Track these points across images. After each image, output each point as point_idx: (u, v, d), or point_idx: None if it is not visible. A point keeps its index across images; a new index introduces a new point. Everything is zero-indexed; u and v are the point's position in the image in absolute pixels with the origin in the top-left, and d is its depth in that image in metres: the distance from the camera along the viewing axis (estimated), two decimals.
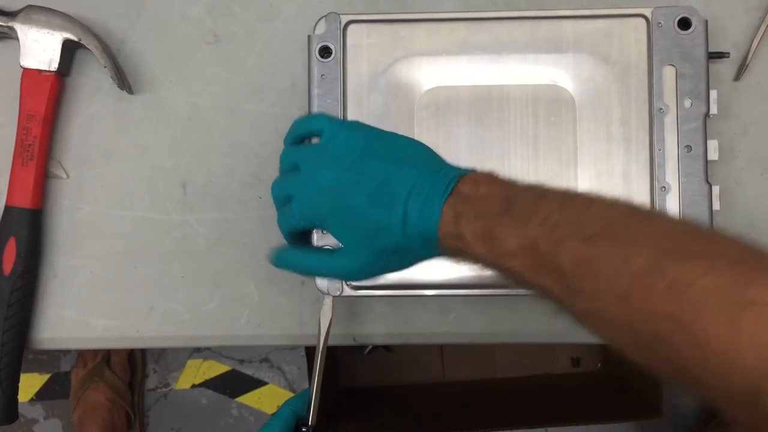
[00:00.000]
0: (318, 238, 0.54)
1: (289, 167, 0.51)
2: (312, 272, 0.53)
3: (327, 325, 0.53)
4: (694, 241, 0.37)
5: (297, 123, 0.53)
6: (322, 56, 0.55)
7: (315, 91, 0.55)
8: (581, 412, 1.22)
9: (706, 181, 0.53)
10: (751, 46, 0.58)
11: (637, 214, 0.40)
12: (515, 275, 0.42)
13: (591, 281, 0.38)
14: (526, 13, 0.55)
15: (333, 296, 0.54)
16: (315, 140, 0.53)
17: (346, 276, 0.52)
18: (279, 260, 0.52)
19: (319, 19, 0.55)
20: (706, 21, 0.54)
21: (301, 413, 0.52)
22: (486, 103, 0.55)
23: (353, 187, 0.46)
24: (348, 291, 0.54)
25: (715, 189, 0.54)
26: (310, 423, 0.51)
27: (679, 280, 0.35)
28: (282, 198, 0.51)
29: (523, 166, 0.55)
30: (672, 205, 0.53)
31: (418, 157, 0.48)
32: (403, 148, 0.48)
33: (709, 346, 0.34)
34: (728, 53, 0.56)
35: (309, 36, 0.55)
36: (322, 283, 0.54)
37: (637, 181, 0.54)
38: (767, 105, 0.58)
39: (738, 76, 0.58)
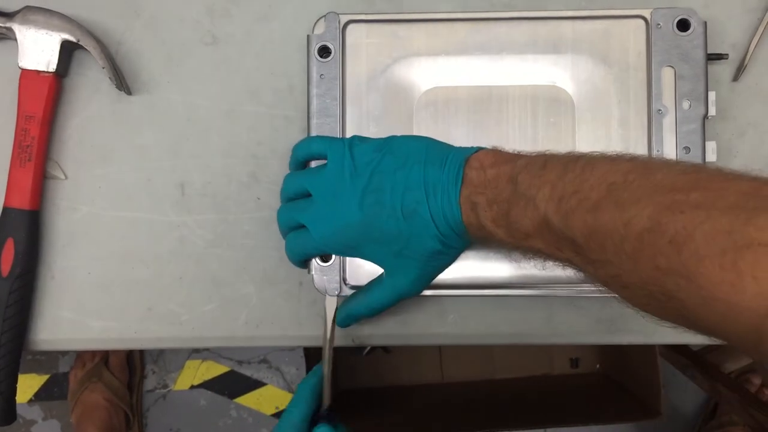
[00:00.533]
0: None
1: (296, 194, 0.51)
2: (381, 308, 0.52)
3: (334, 307, 0.53)
4: (694, 190, 0.36)
5: (297, 148, 0.53)
6: (321, 56, 0.55)
7: (314, 90, 0.55)
8: (580, 413, 1.22)
9: None
10: (749, 47, 0.58)
11: (638, 170, 0.40)
12: (539, 253, 0.43)
13: (601, 251, 0.38)
14: (525, 13, 0.55)
15: (332, 297, 0.54)
16: (314, 163, 0.53)
17: (409, 294, 0.51)
18: (348, 319, 0.53)
19: (318, 19, 0.55)
20: (705, 23, 0.54)
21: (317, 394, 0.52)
22: (485, 104, 0.55)
23: (379, 209, 0.47)
24: (346, 291, 0.54)
25: None
26: (325, 403, 0.51)
27: (679, 233, 0.35)
28: (292, 227, 0.51)
29: None
30: None
31: (421, 153, 0.48)
32: (406, 149, 0.49)
33: (714, 295, 0.34)
34: (727, 55, 0.56)
35: (308, 36, 0.56)
36: (320, 282, 0.54)
37: None
38: (765, 106, 0.58)
39: (736, 77, 0.58)
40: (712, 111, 0.54)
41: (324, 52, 0.55)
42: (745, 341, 0.34)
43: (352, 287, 0.54)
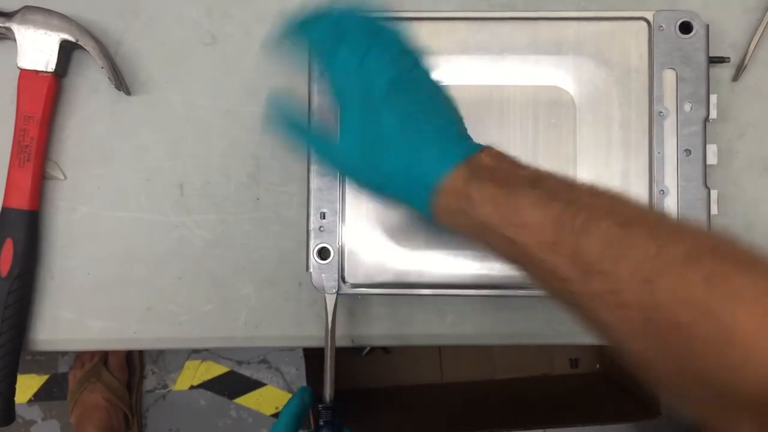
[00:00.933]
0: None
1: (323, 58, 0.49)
2: (304, 137, 0.50)
3: (333, 304, 0.53)
4: (734, 246, 0.36)
5: (320, 18, 0.49)
6: None
7: (314, 87, 0.55)
8: (580, 413, 1.22)
9: (704, 185, 0.53)
10: (749, 47, 0.58)
11: (670, 216, 0.40)
12: (514, 246, 0.41)
13: (615, 263, 0.37)
14: (527, 14, 0.55)
15: (330, 294, 0.54)
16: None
17: (339, 162, 0.49)
18: (274, 108, 0.49)
19: None
20: (708, 25, 0.54)
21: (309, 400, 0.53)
22: (486, 104, 0.55)
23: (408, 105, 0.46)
24: (345, 289, 0.54)
25: (714, 193, 0.54)
26: (327, 400, 0.52)
27: (717, 273, 0.34)
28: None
29: None
30: (670, 209, 0.53)
31: (453, 110, 0.48)
32: (439, 93, 0.49)
33: (735, 337, 0.33)
34: (728, 58, 0.56)
35: None
36: (318, 280, 0.54)
37: (636, 183, 0.54)
38: (765, 106, 0.58)
39: (736, 77, 0.58)
40: (713, 114, 0.54)
41: None
42: (749, 395, 0.33)
43: (352, 285, 0.54)
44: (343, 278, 0.54)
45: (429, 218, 0.46)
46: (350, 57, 0.47)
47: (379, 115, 0.47)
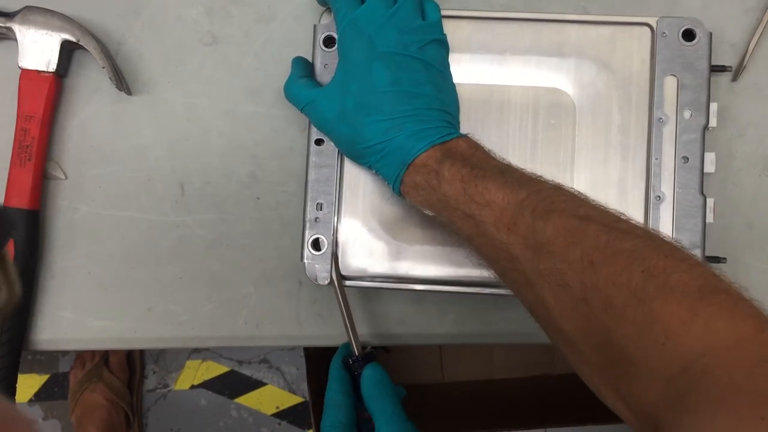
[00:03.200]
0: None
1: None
2: (294, 93, 0.54)
3: (335, 268, 0.54)
4: (677, 249, 0.39)
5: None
6: (327, 46, 0.55)
7: (317, 80, 0.55)
8: (580, 412, 1.21)
9: (700, 193, 0.53)
10: (748, 47, 0.58)
11: (626, 217, 0.42)
12: (473, 223, 0.44)
13: (565, 246, 0.40)
14: (530, 15, 0.55)
15: (320, 285, 0.55)
16: None
17: (323, 111, 0.51)
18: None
19: (325, 10, 0.55)
20: (711, 33, 0.54)
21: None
22: (486, 103, 0.55)
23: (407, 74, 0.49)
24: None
25: (710, 201, 0.54)
26: (357, 354, 0.53)
27: (658, 267, 0.37)
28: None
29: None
30: (666, 215, 0.54)
31: (447, 100, 0.51)
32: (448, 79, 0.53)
33: (660, 321, 0.35)
34: (730, 67, 0.56)
35: (315, 26, 0.55)
36: (312, 271, 0.54)
37: (633, 189, 0.54)
38: (765, 106, 0.58)
39: (735, 77, 0.58)
40: (713, 122, 0.54)
41: (329, 42, 0.55)
42: (660, 372, 0.35)
43: (344, 277, 0.54)
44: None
45: (396, 191, 0.49)
46: (377, 5, 0.50)
47: (372, 71, 0.48)
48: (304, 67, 0.55)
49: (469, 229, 0.45)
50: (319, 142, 0.54)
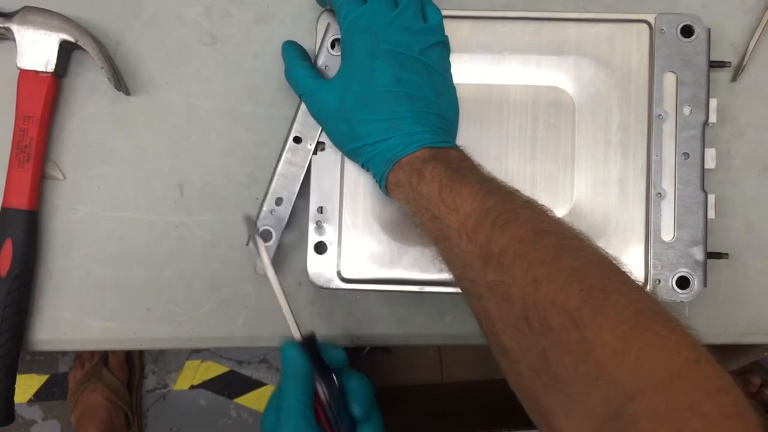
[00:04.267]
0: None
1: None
2: (294, 78, 0.54)
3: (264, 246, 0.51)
4: (626, 276, 0.39)
5: None
6: (333, 48, 0.54)
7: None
8: None
9: (701, 189, 0.53)
10: (748, 47, 0.58)
11: (585, 237, 0.42)
12: (440, 225, 0.44)
13: (513, 260, 0.39)
14: (529, 14, 0.55)
15: (324, 288, 0.55)
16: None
17: (321, 102, 0.52)
18: (283, 50, 0.55)
19: (324, 10, 0.55)
20: (709, 29, 0.54)
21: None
22: (486, 103, 0.55)
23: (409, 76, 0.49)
24: (338, 283, 0.54)
25: (711, 197, 0.54)
26: (296, 338, 0.49)
27: (597, 288, 0.36)
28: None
29: (519, 167, 0.55)
30: (667, 212, 0.53)
31: (446, 106, 0.51)
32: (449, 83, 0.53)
33: (593, 353, 0.35)
34: (729, 63, 0.56)
35: (328, 24, 0.55)
36: (314, 274, 0.54)
37: (633, 186, 0.54)
38: (764, 106, 0.58)
39: (735, 77, 0.58)
40: (712, 118, 0.54)
41: (335, 44, 0.54)
42: (595, 409, 0.34)
43: (348, 280, 0.54)
44: (339, 273, 0.54)
45: (381, 187, 0.50)
46: (380, 6, 0.50)
47: (375, 69, 0.48)
48: (300, 51, 0.55)
49: (435, 231, 0.45)
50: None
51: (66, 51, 0.57)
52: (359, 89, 0.49)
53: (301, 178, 0.55)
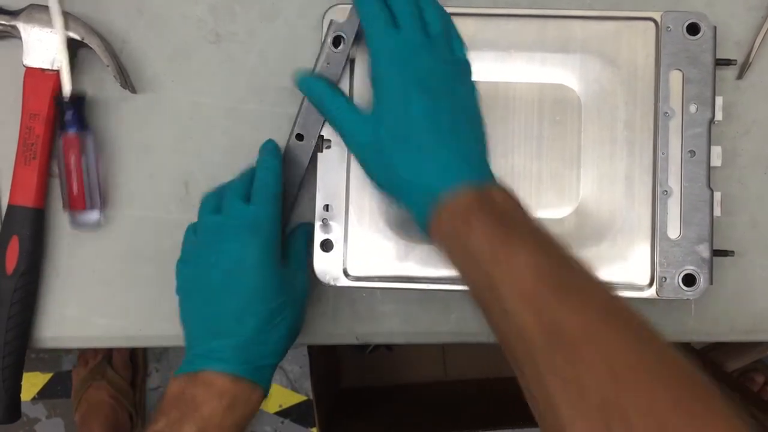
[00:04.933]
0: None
1: None
2: (328, 112, 0.52)
3: None
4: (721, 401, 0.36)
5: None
6: (335, 45, 0.54)
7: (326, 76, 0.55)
8: None
9: (708, 187, 0.53)
10: (753, 45, 0.58)
11: (624, 301, 0.40)
12: (490, 282, 0.41)
13: (587, 344, 0.38)
14: (535, 11, 0.55)
15: (330, 285, 0.54)
16: None
17: (355, 137, 0.50)
18: (303, 84, 0.53)
19: (330, 7, 0.55)
20: (715, 27, 0.54)
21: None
22: (491, 100, 0.55)
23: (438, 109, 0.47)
24: (344, 281, 0.54)
25: (717, 195, 0.54)
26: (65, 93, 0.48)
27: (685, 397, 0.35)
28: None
29: (525, 165, 0.55)
30: (673, 210, 0.53)
31: (480, 136, 0.49)
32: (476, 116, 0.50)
33: None
34: (735, 60, 0.56)
35: (331, 20, 0.54)
36: (321, 271, 0.54)
37: (640, 184, 0.54)
38: None
39: (740, 75, 0.58)
40: (718, 115, 0.54)
41: (337, 41, 0.54)
42: None
43: (355, 278, 0.54)
44: (345, 271, 0.54)
45: (422, 227, 0.46)
46: (414, 36, 0.48)
47: (410, 104, 0.47)
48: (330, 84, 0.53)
49: (485, 287, 0.42)
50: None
51: (72, 49, 0.57)
52: (394, 122, 0.47)
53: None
